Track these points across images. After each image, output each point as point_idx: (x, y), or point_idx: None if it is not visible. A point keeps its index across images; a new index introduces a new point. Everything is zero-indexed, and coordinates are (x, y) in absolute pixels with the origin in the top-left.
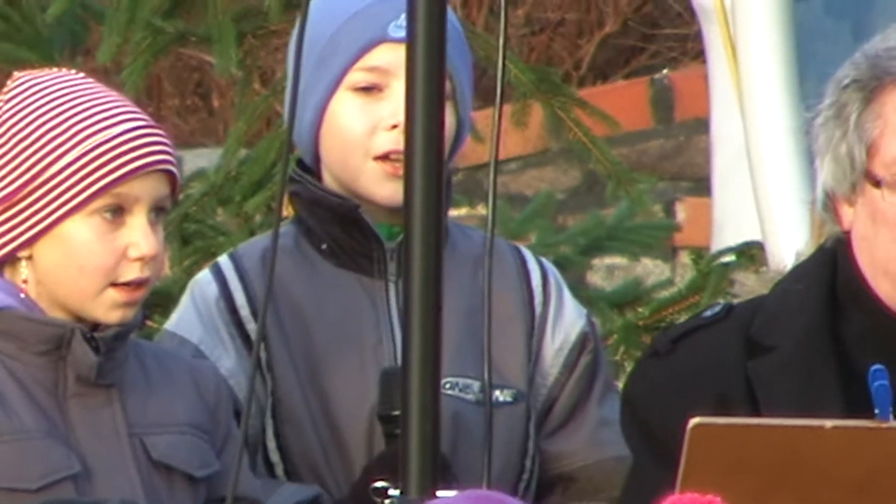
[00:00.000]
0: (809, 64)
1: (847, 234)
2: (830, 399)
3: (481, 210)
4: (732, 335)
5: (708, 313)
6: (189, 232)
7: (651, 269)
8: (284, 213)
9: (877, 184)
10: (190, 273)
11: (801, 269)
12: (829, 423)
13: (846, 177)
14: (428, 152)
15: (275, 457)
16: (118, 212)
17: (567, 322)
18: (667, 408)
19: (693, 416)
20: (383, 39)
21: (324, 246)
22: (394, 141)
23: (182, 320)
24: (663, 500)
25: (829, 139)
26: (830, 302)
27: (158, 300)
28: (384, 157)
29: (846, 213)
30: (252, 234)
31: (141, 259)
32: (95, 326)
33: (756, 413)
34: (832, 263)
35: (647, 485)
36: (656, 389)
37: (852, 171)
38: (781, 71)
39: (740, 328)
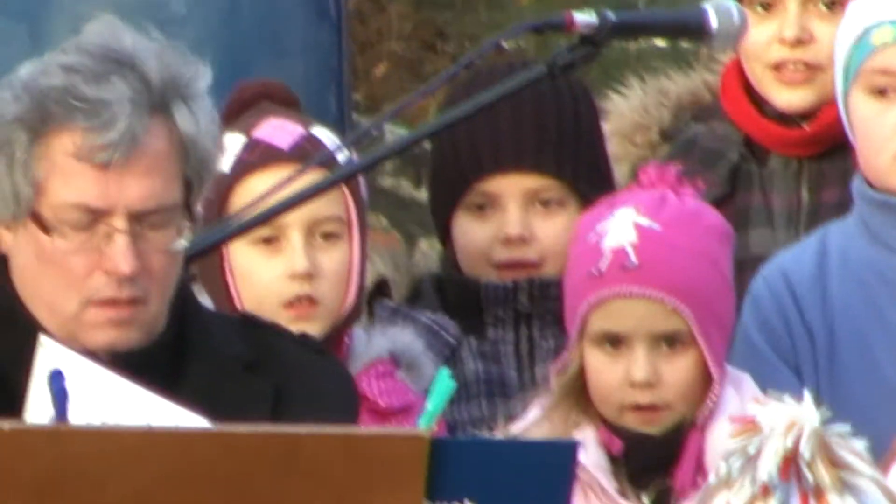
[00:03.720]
0: None
1: (4, 255)
2: None
3: None
4: None
5: None
6: None
7: None
8: None
9: (44, 227)
10: None
11: None
12: (6, 425)
13: (8, 208)
14: None
15: None
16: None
17: None
18: None
19: None
20: None
21: None
22: None
23: None
24: None
25: None
26: None
27: None
28: None
29: (5, 235)
30: None
31: None
32: None
33: None
34: None
35: None
36: None
37: (17, 205)
38: None
39: None
